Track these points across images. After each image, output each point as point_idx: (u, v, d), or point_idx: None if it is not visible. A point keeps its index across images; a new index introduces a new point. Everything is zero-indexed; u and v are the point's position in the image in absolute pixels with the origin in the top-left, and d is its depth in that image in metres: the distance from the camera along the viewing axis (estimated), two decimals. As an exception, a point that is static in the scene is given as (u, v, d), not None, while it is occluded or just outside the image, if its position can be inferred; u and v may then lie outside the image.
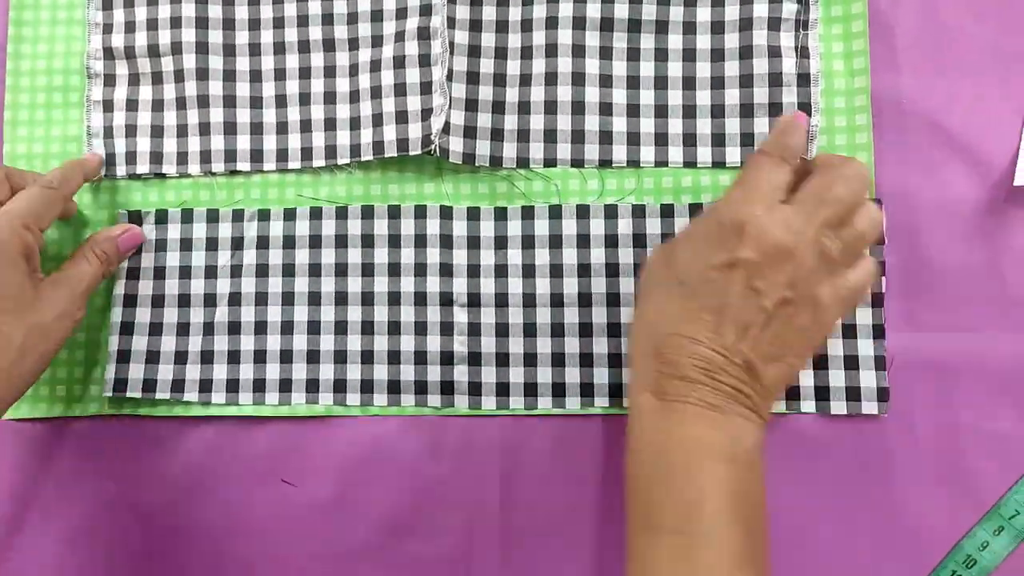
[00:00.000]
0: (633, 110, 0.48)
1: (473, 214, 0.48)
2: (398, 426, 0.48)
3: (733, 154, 0.47)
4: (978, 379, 0.45)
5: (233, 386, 0.48)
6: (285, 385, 0.48)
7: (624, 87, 0.48)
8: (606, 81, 0.48)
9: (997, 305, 0.45)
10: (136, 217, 0.49)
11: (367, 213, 0.49)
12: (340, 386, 0.48)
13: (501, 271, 0.48)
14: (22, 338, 0.43)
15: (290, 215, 0.49)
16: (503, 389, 0.47)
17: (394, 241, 0.48)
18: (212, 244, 0.49)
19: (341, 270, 0.48)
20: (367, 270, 0.48)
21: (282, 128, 0.50)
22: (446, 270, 0.48)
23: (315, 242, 0.49)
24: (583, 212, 0.47)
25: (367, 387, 0.48)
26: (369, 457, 0.48)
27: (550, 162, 0.48)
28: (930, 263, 0.45)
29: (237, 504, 0.48)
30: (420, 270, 0.48)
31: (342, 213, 0.49)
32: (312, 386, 0.48)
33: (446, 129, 0.47)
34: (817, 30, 0.47)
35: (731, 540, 0.35)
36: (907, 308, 0.45)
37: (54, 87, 0.51)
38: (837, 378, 0.45)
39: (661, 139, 0.47)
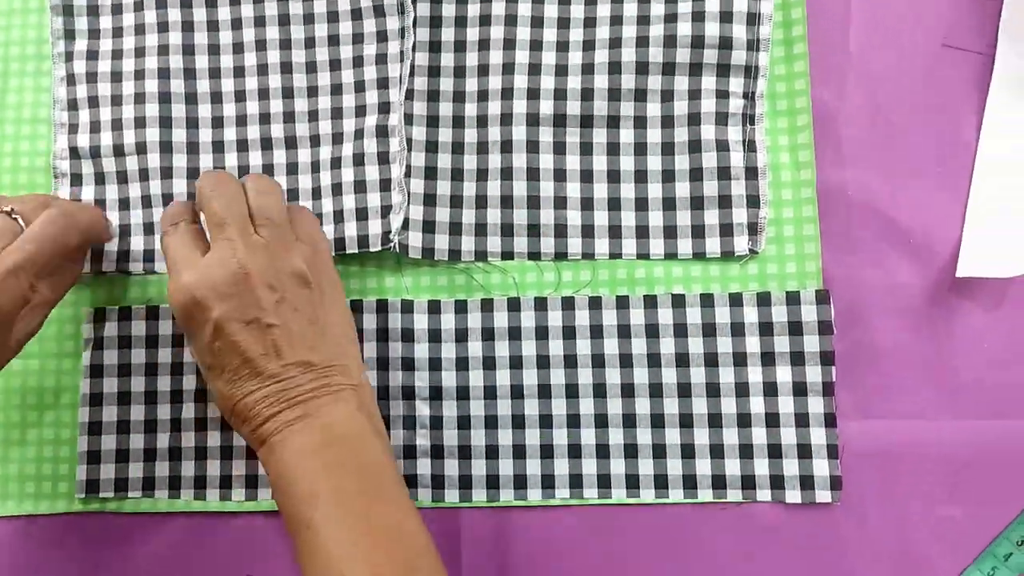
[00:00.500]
0: (587, 203, 0.49)
1: (434, 307, 0.49)
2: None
3: (684, 245, 0.48)
4: (928, 466, 0.46)
5: (201, 482, 0.49)
6: (251, 481, 0.49)
7: (578, 180, 0.49)
8: (560, 175, 0.49)
9: (945, 392, 0.46)
10: (100, 314, 0.50)
11: None
12: None
13: (462, 364, 0.49)
14: None
15: None
16: (465, 482, 0.48)
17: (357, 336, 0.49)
18: (178, 340, 0.50)
19: None
20: None
21: None
22: (408, 364, 0.49)
23: None
24: (540, 304, 0.48)
25: None
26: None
27: (507, 255, 0.49)
28: (878, 352, 0.46)
29: (205, 598, 0.49)
30: (383, 364, 0.49)
31: (305, 308, 0.50)
32: None
33: (405, 224, 0.48)
34: (763, 124, 0.48)
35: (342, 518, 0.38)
36: (857, 396, 0.46)
37: (20, 185, 0.52)
38: (791, 467, 0.46)
39: (615, 231, 0.49)
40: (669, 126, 0.49)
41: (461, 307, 0.49)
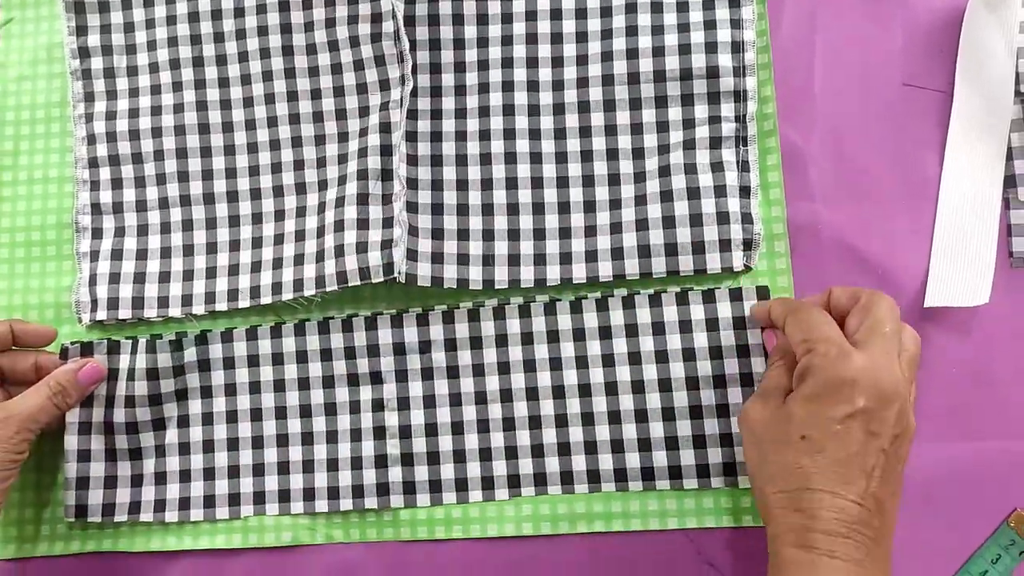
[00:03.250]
0: (590, 231, 0.51)
1: (396, 322, 0.51)
2: (365, 553, 0.50)
3: (686, 263, 0.49)
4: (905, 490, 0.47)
5: (185, 504, 0.51)
6: (234, 499, 0.51)
7: (582, 211, 0.51)
8: (563, 207, 0.52)
9: (917, 417, 0.47)
10: (88, 348, 0.52)
11: (299, 331, 0.52)
12: (284, 496, 0.51)
13: (427, 374, 0.51)
14: None
15: (227, 337, 0.52)
16: (436, 486, 0.50)
17: (326, 355, 0.52)
18: (153, 375, 0.51)
19: (279, 386, 0.52)
20: (303, 384, 0.52)
21: (256, 267, 0.53)
22: (376, 377, 0.51)
23: (253, 361, 0.52)
24: (499, 314, 0.51)
25: (308, 495, 0.50)
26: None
27: (514, 283, 0.51)
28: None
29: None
30: (352, 380, 0.51)
31: (276, 332, 0.52)
32: (259, 498, 0.51)
33: (413, 256, 0.50)
34: (755, 145, 0.50)
35: None
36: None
37: (32, 242, 0.55)
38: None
39: (616, 253, 0.51)
40: (665, 153, 0.50)
41: (423, 320, 0.51)
